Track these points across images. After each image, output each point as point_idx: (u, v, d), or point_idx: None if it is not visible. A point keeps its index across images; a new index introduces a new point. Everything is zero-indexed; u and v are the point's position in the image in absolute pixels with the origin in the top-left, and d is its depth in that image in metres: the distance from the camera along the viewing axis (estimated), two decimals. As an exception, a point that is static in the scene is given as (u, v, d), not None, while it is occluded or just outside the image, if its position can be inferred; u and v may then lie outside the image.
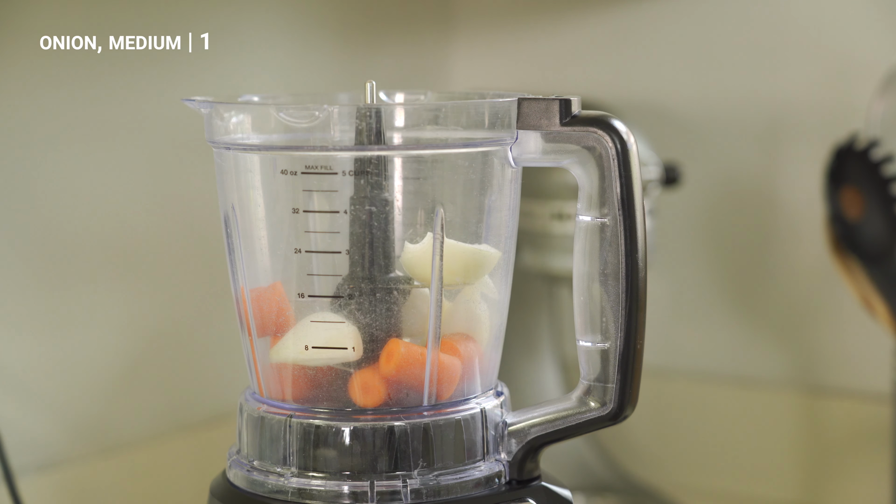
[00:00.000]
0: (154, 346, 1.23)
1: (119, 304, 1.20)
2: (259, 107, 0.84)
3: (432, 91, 0.91)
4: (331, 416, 0.80)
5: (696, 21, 1.43)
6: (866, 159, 1.22)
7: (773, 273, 1.41)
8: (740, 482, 1.43)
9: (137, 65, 1.18)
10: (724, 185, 1.42)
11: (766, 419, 1.41)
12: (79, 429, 1.17)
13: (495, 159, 0.82)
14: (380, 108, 0.79)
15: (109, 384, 1.20)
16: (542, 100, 0.80)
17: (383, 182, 0.80)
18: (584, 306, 0.80)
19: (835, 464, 1.39)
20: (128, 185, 1.20)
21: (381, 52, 1.46)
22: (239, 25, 1.29)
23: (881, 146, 1.22)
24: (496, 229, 0.83)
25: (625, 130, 0.79)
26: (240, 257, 0.83)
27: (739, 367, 1.43)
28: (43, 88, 1.13)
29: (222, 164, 0.83)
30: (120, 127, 1.19)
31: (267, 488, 0.81)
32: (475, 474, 0.81)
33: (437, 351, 0.80)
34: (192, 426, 1.26)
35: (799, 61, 1.38)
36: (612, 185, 0.79)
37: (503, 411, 0.83)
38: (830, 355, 1.39)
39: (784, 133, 1.39)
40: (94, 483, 1.18)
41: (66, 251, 1.16)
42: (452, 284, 0.81)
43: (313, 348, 0.80)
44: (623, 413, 0.80)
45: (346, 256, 0.80)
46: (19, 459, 1.11)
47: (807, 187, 1.36)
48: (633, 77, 1.46)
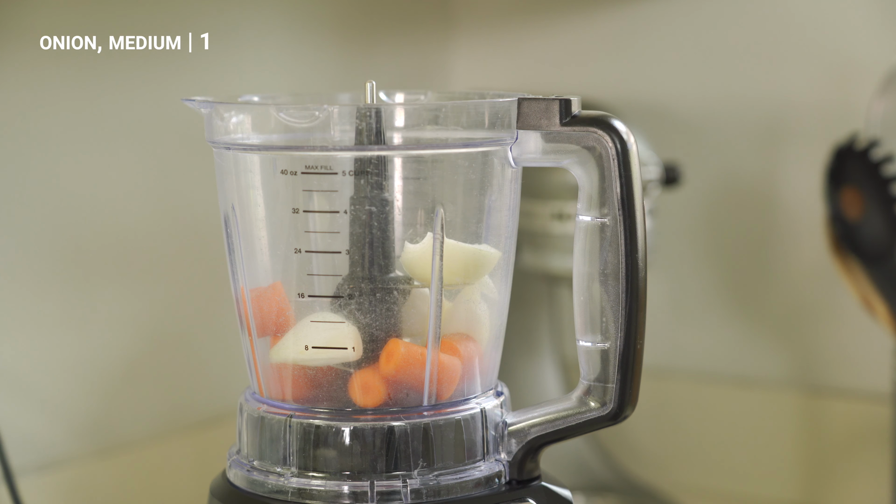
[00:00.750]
0: (154, 346, 1.23)
1: (119, 304, 1.20)
2: (259, 107, 0.84)
3: (432, 91, 0.91)
4: (331, 416, 0.80)
5: (696, 21, 1.43)
6: (866, 159, 1.22)
7: (773, 273, 1.41)
8: (740, 482, 1.43)
9: (137, 65, 1.18)
10: (724, 185, 1.42)
11: (766, 419, 1.41)
12: (79, 429, 1.17)
13: (495, 159, 0.82)
14: (380, 108, 0.79)
15: (109, 384, 1.20)
16: (542, 100, 0.80)
17: (383, 182, 0.80)
18: (584, 306, 0.81)
19: (835, 464, 1.39)
20: (128, 185, 1.20)
21: (381, 52, 1.46)
22: (239, 25, 1.29)
23: (881, 146, 1.22)
24: (496, 229, 0.83)
25: (625, 130, 0.79)
26: (240, 257, 0.83)
27: (739, 367, 1.43)
28: (43, 88, 1.13)
29: (222, 164, 0.83)
30: (120, 127, 1.19)
31: (267, 488, 0.81)
32: (475, 474, 0.81)
33: (437, 351, 0.80)
34: (192, 426, 1.26)
35: (799, 61, 1.38)
36: (612, 185, 0.79)
37: (503, 411, 0.83)
38: (830, 355, 1.39)
39: (784, 133, 1.39)
40: (94, 483, 1.18)
41: (65, 251, 1.16)
42: (452, 284, 0.81)
43: (313, 348, 0.80)
44: (623, 413, 0.80)
45: (346, 256, 0.80)
46: (19, 459, 1.11)
47: (807, 187, 1.36)
48: (633, 77, 1.46)
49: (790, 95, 1.38)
